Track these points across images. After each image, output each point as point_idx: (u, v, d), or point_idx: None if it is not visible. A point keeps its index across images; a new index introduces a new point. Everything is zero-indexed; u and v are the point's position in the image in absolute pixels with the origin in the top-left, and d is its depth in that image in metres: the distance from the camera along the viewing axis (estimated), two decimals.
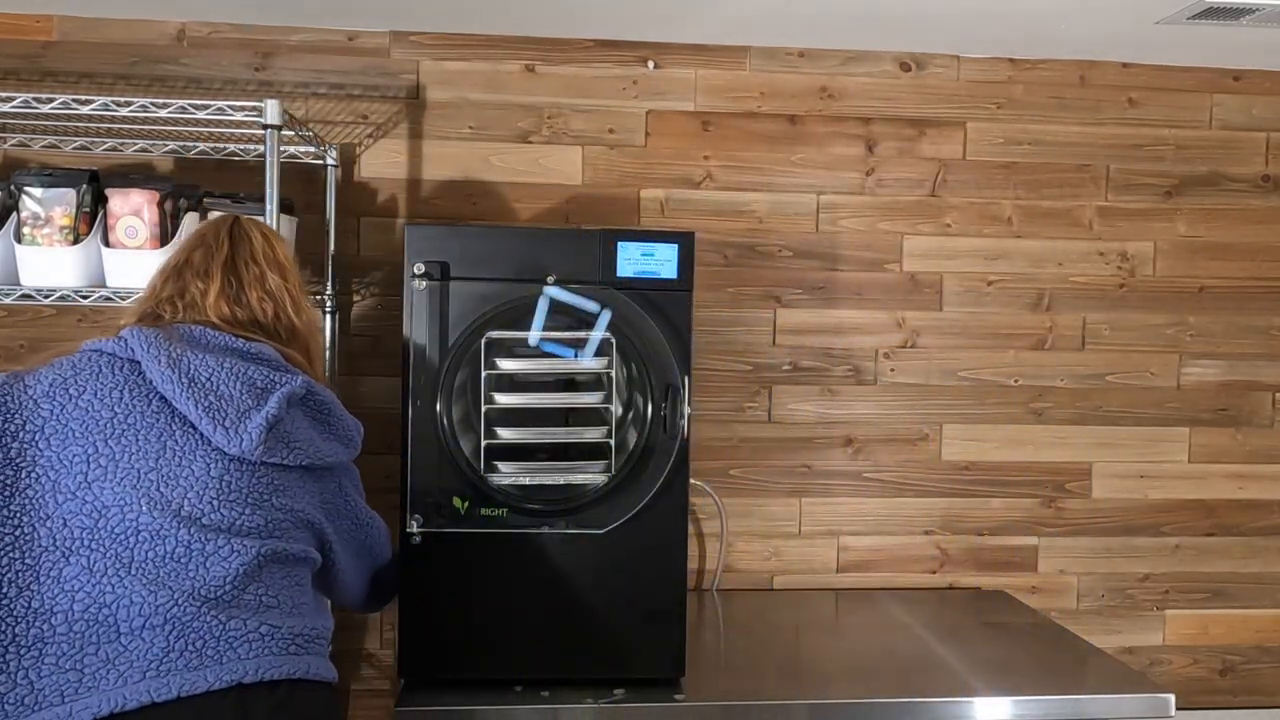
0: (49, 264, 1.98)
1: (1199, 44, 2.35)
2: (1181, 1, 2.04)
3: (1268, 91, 2.56)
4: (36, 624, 1.25)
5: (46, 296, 1.98)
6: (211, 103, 1.91)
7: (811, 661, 2.05)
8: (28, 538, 1.28)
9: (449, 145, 2.39)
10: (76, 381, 1.37)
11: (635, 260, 1.81)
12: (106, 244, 2.00)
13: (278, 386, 1.43)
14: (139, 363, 1.40)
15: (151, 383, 1.38)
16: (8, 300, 1.98)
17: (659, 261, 1.81)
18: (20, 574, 1.26)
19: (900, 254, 2.50)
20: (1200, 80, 2.55)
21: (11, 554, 1.27)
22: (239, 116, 1.91)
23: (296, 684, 1.31)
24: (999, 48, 2.46)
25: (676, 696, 1.80)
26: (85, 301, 1.97)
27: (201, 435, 1.37)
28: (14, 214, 2.00)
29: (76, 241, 1.99)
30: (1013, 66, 2.51)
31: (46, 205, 1.99)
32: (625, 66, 2.42)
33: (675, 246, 1.81)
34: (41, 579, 1.26)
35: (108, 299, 1.97)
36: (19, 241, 1.98)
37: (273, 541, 1.37)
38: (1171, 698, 1.86)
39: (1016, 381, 2.54)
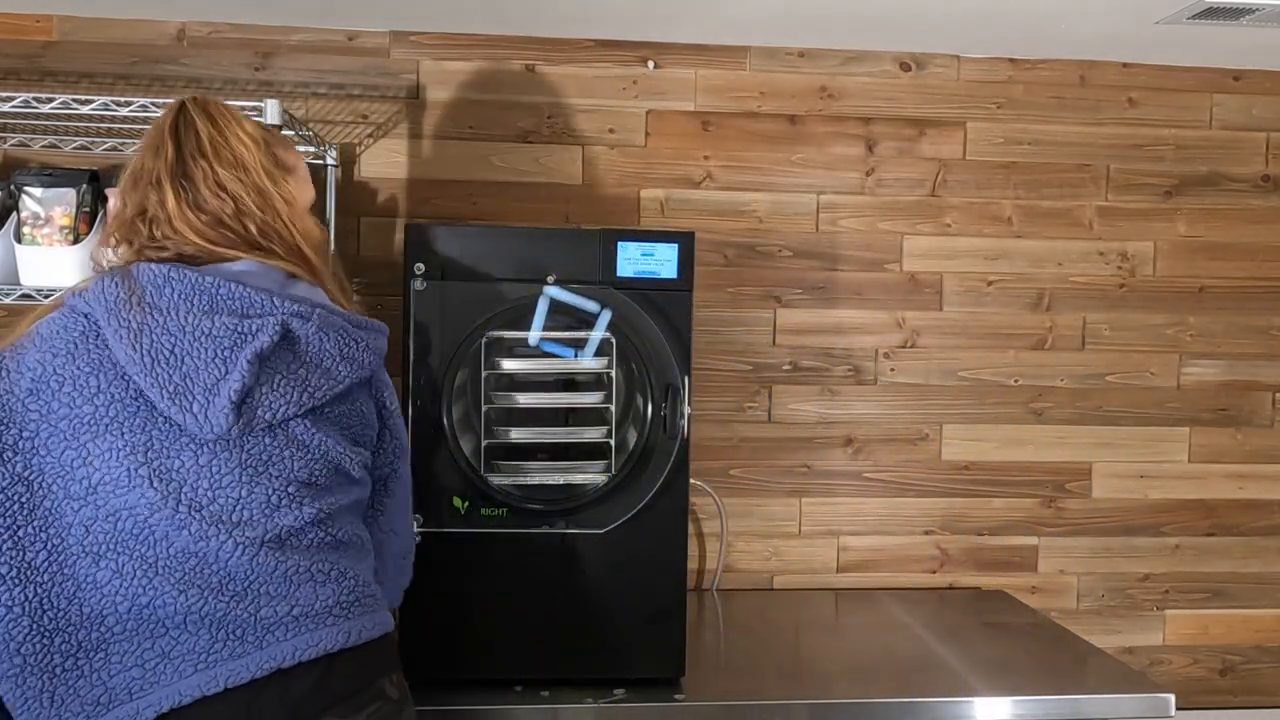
0: (49, 264, 1.97)
1: (1199, 44, 2.35)
2: (1181, 1, 2.04)
3: (1268, 91, 2.56)
4: (95, 629, 1.26)
5: (46, 296, 1.97)
6: None
7: (811, 661, 2.05)
8: (58, 548, 1.27)
9: (449, 145, 2.39)
10: (56, 372, 1.29)
11: (635, 260, 1.81)
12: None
13: (245, 342, 1.30)
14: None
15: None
16: (8, 300, 1.98)
17: (659, 261, 1.81)
18: (63, 584, 1.26)
19: (900, 254, 2.50)
20: (1200, 80, 2.55)
21: (50, 569, 1.26)
22: None
23: (335, 657, 1.30)
24: (999, 48, 2.46)
25: (676, 696, 1.80)
26: None
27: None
28: (14, 214, 2.00)
29: (76, 241, 1.99)
30: (1013, 66, 2.51)
31: (46, 205, 1.99)
32: (625, 66, 2.42)
33: (675, 246, 1.82)
34: (83, 585, 1.27)
35: None
36: (19, 241, 1.98)
37: (281, 514, 1.31)
38: (1171, 698, 1.86)
39: (1016, 381, 2.54)
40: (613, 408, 1.81)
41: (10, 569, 1.26)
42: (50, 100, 1.91)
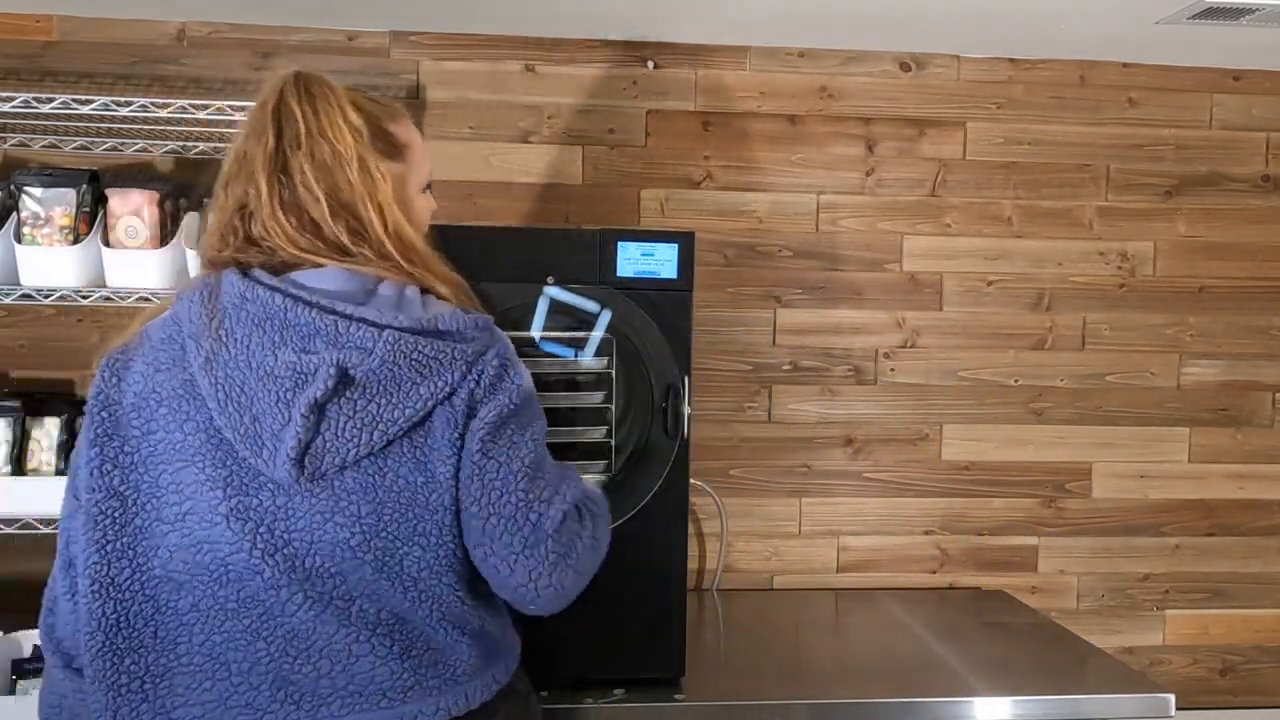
0: (49, 264, 1.98)
1: (1199, 44, 2.35)
2: (1181, 1, 2.04)
3: (1268, 91, 2.56)
4: (165, 655, 1.23)
5: (46, 296, 1.98)
6: (212, 102, 1.91)
7: (811, 661, 2.05)
8: (143, 569, 1.23)
9: (449, 145, 2.39)
10: (156, 389, 1.25)
11: (635, 260, 1.81)
12: (106, 244, 2.00)
13: (304, 385, 1.21)
14: None
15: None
16: (8, 300, 1.98)
17: (659, 261, 1.81)
18: (142, 605, 1.23)
19: (900, 254, 2.50)
20: (1200, 80, 2.55)
21: (132, 587, 1.23)
22: (239, 116, 1.91)
23: None
24: (999, 48, 2.46)
25: (676, 696, 1.80)
26: (85, 302, 1.97)
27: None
28: (14, 214, 2.00)
29: (76, 241, 1.99)
30: (1013, 66, 2.51)
31: (46, 205, 1.99)
32: (625, 66, 2.42)
33: (675, 246, 1.81)
34: (163, 610, 1.23)
35: (108, 299, 1.97)
36: (19, 241, 1.99)
37: (348, 566, 1.22)
38: (1171, 698, 1.86)
39: (1016, 381, 2.54)
40: (613, 408, 1.81)
41: (94, 584, 1.22)
42: (50, 100, 1.91)
